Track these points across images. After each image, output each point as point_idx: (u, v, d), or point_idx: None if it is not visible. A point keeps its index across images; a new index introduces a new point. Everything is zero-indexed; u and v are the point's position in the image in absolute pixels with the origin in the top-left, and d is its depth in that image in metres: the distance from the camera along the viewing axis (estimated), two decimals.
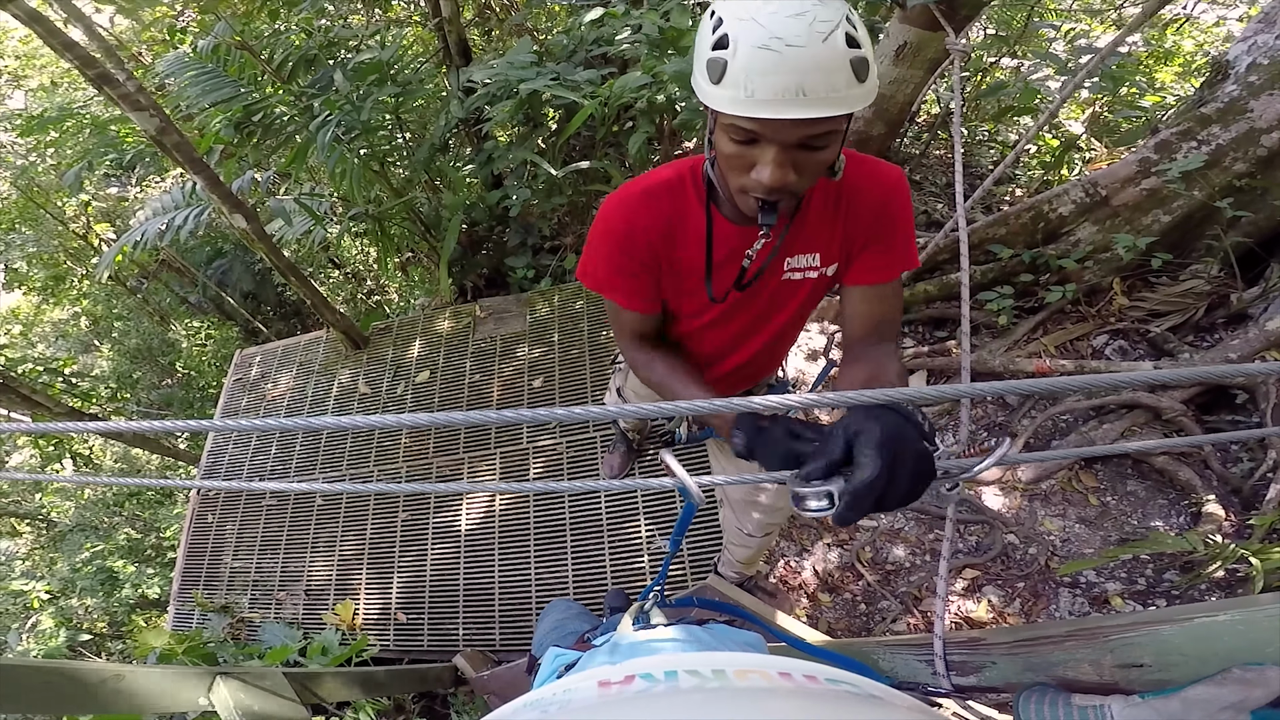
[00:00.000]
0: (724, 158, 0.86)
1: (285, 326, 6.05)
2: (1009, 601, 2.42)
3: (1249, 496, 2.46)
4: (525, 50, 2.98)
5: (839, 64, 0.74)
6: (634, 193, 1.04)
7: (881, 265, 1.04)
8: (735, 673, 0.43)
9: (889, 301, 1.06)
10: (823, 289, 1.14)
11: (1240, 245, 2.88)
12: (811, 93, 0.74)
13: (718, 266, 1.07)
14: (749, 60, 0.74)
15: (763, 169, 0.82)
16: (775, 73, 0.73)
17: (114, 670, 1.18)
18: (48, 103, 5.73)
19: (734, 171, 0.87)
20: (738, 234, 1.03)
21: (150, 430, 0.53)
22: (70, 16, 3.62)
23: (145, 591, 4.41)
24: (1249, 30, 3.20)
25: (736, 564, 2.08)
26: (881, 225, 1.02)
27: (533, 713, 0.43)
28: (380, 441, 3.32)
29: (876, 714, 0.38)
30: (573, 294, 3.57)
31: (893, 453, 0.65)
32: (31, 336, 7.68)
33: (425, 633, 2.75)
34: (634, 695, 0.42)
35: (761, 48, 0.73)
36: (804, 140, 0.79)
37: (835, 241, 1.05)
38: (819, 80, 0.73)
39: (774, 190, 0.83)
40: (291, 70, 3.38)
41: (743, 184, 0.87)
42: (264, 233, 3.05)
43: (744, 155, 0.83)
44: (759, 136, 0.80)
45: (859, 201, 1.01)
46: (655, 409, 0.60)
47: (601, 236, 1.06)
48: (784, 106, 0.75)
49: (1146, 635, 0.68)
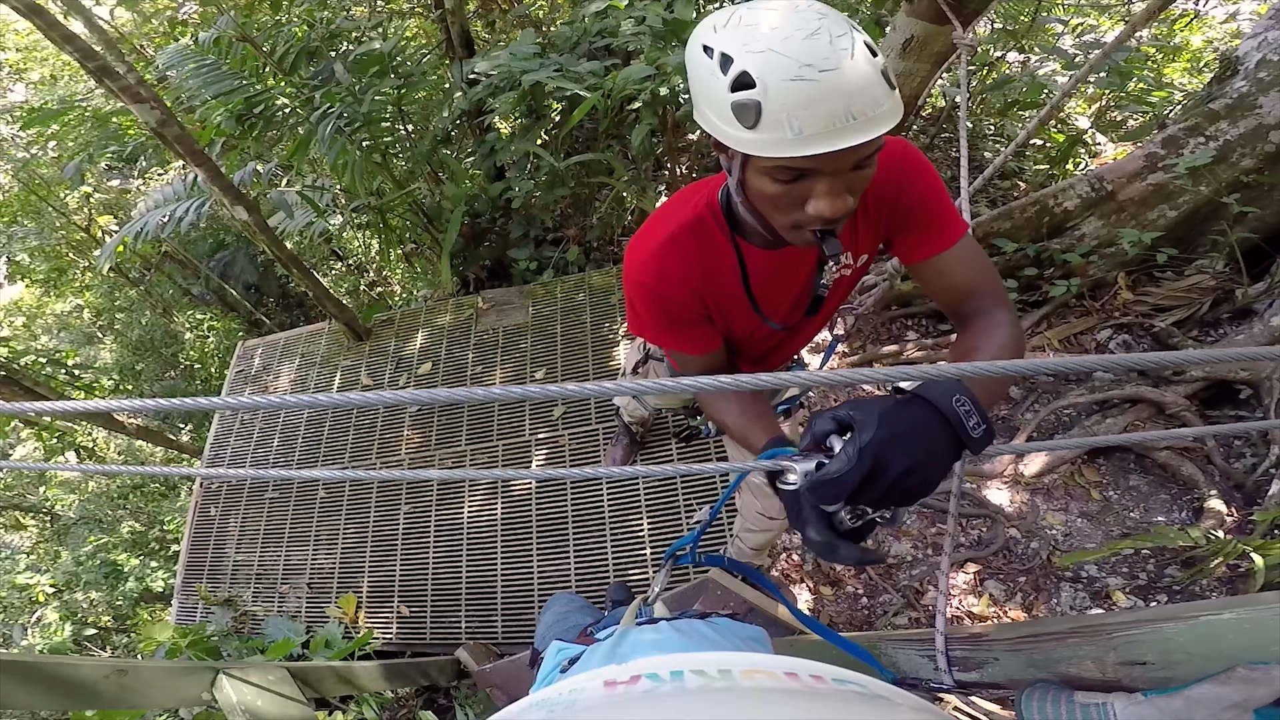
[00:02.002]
0: (768, 199, 0.81)
1: (288, 318, 6.06)
2: (1010, 596, 2.42)
3: (1251, 492, 2.46)
4: (528, 42, 2.96)
5: (873, 77, 0.70)
6: (657, 244, 0.98)
7: (926, 239, 0.99)
8: (742, 672, 0.43)
9: (964, 267, 0.98)
10: (857, 280, 1.13)
11: (1246, 241, 2.86)
12: (860, 115, 0.70)
13: (762, 294, 1.04)
14: (785, 96, 0.68)
15: (818, 202, 0.77)
16: (819, 103, 0.68)
17: (117, 666, 1.18)
18: (49, 95, 5.72)
19: (782, 211, 0.81)
20: (771, 258, 1.00)
21: (145, 409, 0.53)
22: (71, 9, 3.60)
23: (149, 585, 4.44)
24: (1259, 27, 3.17)
25: (748, 551, 2.09)
26: (905, 200, 0.97)
27: (539, 713, 0.43)
28: (383, 434, 3.33)
29: (883, 715, 0.38)
30: (575, 286, 3.57)
31: (877, 460, 0.61)
32: (34, 329, 7.69)
33: (428, 626, 2.76)
34: (640, 695, 0.42)
35: (795, 80, 0.68)
36: (856, 163, 0.76)
37: (861, 235, 1.02)
38: (863, 101, 0.69)
39: (833, 221, 0.79)
40: (293, 62, 3.37)
41: (796, 220, 0.81)
42: (265, 225, 3.05)
43: (791, 193, 0.78)
44: (810, 171, 0.75)
45: (873, 192, 0.96)
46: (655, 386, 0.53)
47: (638, 292, 1.00)
48: (838, 137, 0.70)
49: (1150, 633, 0.67)
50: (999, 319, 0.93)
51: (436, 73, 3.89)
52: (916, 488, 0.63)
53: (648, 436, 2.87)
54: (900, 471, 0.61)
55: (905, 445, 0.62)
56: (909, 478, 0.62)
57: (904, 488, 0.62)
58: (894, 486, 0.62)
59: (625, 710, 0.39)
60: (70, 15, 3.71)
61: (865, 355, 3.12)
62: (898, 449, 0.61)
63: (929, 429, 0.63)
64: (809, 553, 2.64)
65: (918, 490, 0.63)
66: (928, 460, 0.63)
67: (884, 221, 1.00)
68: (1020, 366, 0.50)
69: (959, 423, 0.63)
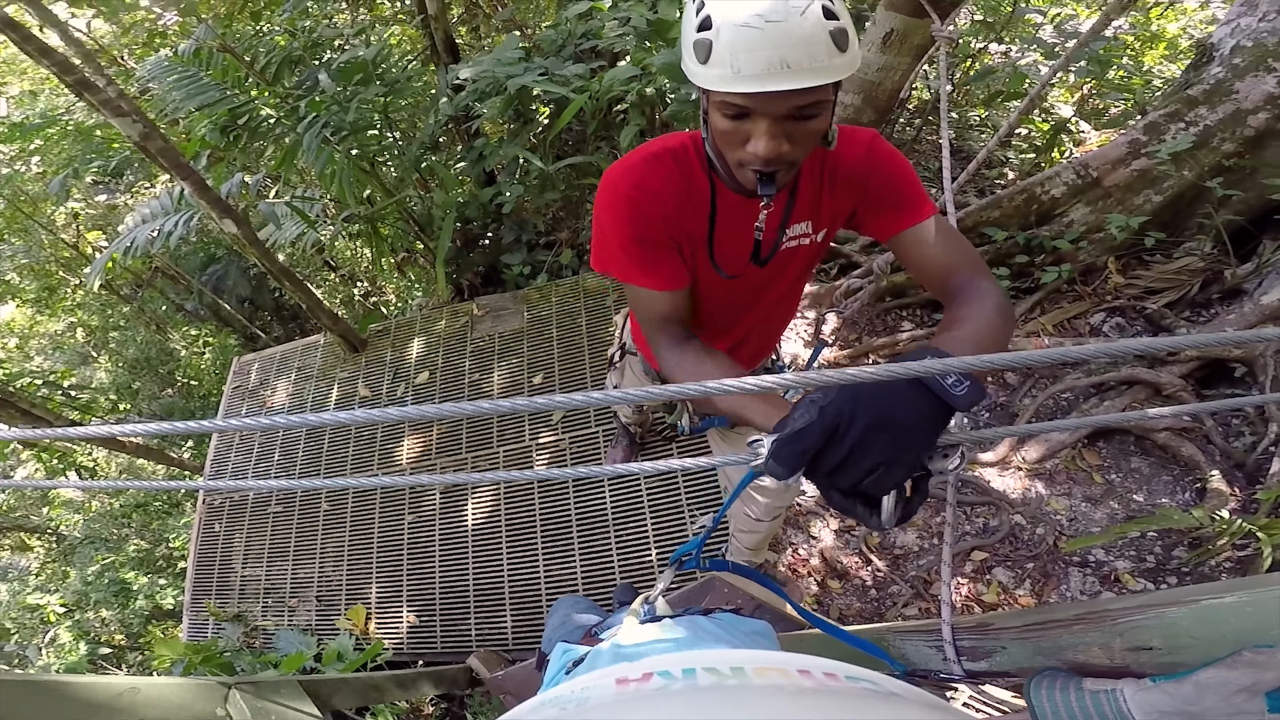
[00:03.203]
0: (719, 134, 0.89)
1: (284, 331, 6.02)
2: (1019, 582, 2.43)
3: (1253, 471, 2.47)
4: (512, 46, 2.96)
5: (818, 35, 0.77)
6: (639, 158, 1.02)
7: (897, 216, 1.02)
8: (754, 670, 0.43)
9: (939, 240, 1.00)
10: (815, 256, 1.17)
11: (1231, 223, 2.89)
12: (795, 64, 0.77)
13: (722, 239, 1.07)
14: (732, 38, 0.78)
15: (756, 142, 0.85)
16: (758, 48, 0.77)
17: (129, 684, 1.17)
18: (30, 110, 5.66)
19: (730, 147, 0.90)
20: (742, 205, 1.03)
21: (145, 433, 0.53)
22: (45, 22, 3.54)
23: (159, 602, 4.43)
24: (1231, 13, 3.21)
25: (745, 551, 2.10)
26: (875, 183, 1.03)
27: (551, 710, 0.43)
28: (383, 444, 3.32)
29: (896, 712, 0.38)
30: (570, 289, 3.56)
31: (839, 415, 0.58)
32: (28, 349, 7.62)
33: (438, 634, 2.76)
34: (652, 693, 0.42)
35: (743, 25, 0.77)
36: (793, 111, 0.83)
37: (823, 208, 1.07)
38: (800, 52, 0.77)
39: (770, 161, 0.86)
40: (276, 71, 3.34)
41: (739, 158, 0.90)
42: (255, 237, 3.03)
43: (738, 130, 0.86)
44: (750, 111, 0.83)
45: (840, 166, 1.04)
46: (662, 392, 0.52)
47: (609, 209, 1.02)
48: (769, 80, 0.78)
49: (1154, 618, 0.67)
50: (983, 288, 0.94)
51: (422, 79, 3.88)
52: (891, 449, 0.59)
53: (647, 437, 2.87)
54: (864, 427, 0.58)
55: (866, 403, 0.59)
56: (877, 434, 0.58)
57: (874, 446, 0.58)
58: (862, 446, 0.58)
59: (637, 708, 0.39)
60: (46, 28, 3.65)
61: (860, 348, 3.13)
62: (858, 406, 0.59)
63: (893, 385, 0.60)
64: (814, 548, 2.65)
65: (894, 452, 0.59)
66: (894, 415, 0.59)
67: (851, 198, 1.06)
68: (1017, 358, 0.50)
69: (933, 381, 0.60)
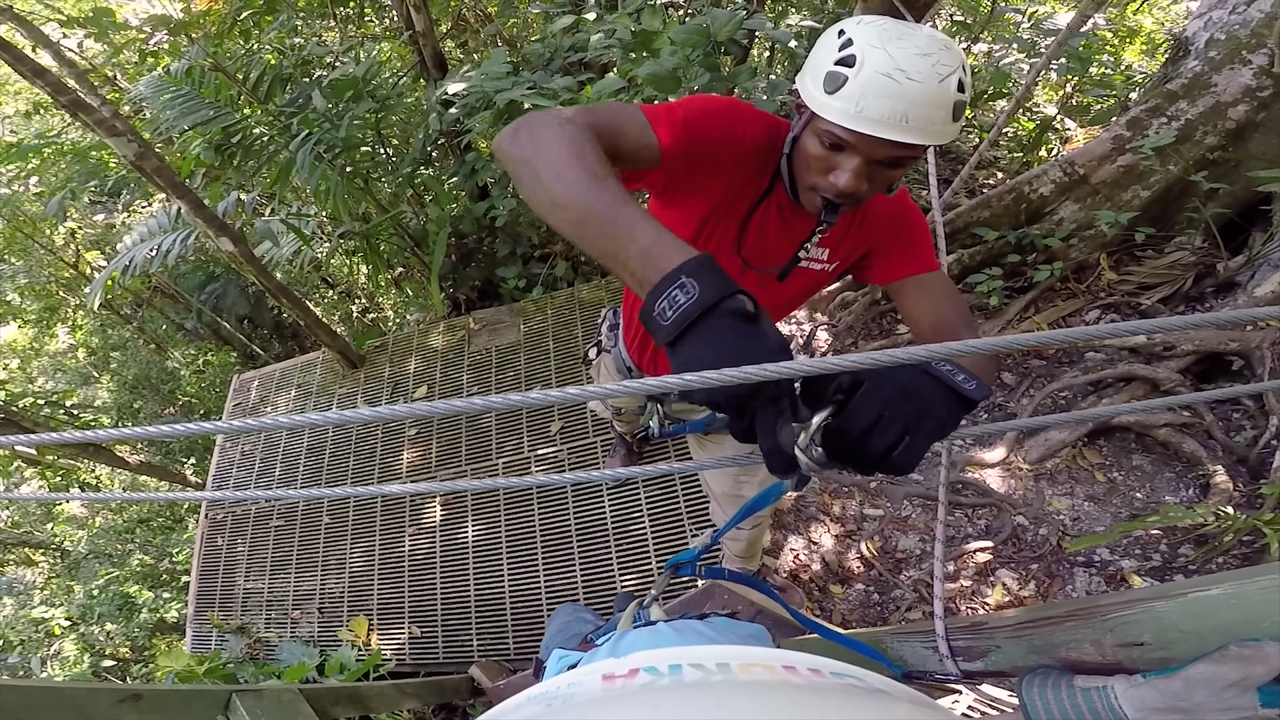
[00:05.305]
0: (806, 156, 0.92)
1: (283, 348, 6.03)
2: (1024, 584, 2.39)
3: (1255, 465, 2.44)
4: (500, 60, 2.97)
5: (945, 103, 0.80)
6: (771, 116, 1.02)
7: (908, 260, 1.09)
8: (739, 666, 0.43)
9: (940, 292, 1.08)
10: (819, 285, 1.20)
11: (1220, 216, 2.89)
12: (914, 122, 0.80)
13: (749, 234, 1.07)
14: (868, 82, 0.80)
15: (841, 174, 0.88)
16: (889, 98, 0.79)
17: (131, 690, 1.17)
18: (25, 130, 5.69)
19: (812, 172, 0.92)
20: (791, 212, 1.05)
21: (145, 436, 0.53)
22: (37, 42, 3.55)
23: (163, 615, 4.44)
24: (1203, 7, 3.22)
25: (735, 559, 2.10)
26: (895, 230, 1.10)
27: (537, 706, 0.43)
28: (383, 457, 3.33)
29: (880, 708, 0.38)
30: (565, 301, 3.57)
31: (893, 395, 0.57)
32: (30, 370, 7.64)
33: (439, 645, 2.76)
34: (638, 689, 0.42)
35: (884, 74, 0.79)
36: (888, 159, 0.86)
37: (845, 243, 1.11)
38: (924, 113, 0.80)
39: (844, 196, 0.90)
40: (268, 90, 3.36)
41: (815, 183, 0.92)
42: (252, 255, 3.04)
43: (827, 159, 0.89)
44: (848, 146, 0.86)
45: (871, 209, 1.09)
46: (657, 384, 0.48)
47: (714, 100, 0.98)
48: (885, 128, 0.81)
49: (1142, 612, 0.67)
50: (966, 338, 0.98)
51: (413, 95, 3.90)
52: (915, 416, 0.59)
53: (644, 446, 2.87)
54: (889, 393, 0.58)
55: (885, 375, 0.59)
56: (902, 401, 0.58)
57: (902, 409, 0.58)
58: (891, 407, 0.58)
59: (623, 703, 0.39)
60: (39, 48, 3.66)
61: (856, 351, 3.14)
62: (879, 377, 0.58)
63: (906, 368, 0.60)
64: (815, 553, 2.64)
65: (915, 422, 0.59)
66: (913, 385, 0.59)
67: (870, 240, 1.11)
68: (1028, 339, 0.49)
69: (945, 375, 0.61)
